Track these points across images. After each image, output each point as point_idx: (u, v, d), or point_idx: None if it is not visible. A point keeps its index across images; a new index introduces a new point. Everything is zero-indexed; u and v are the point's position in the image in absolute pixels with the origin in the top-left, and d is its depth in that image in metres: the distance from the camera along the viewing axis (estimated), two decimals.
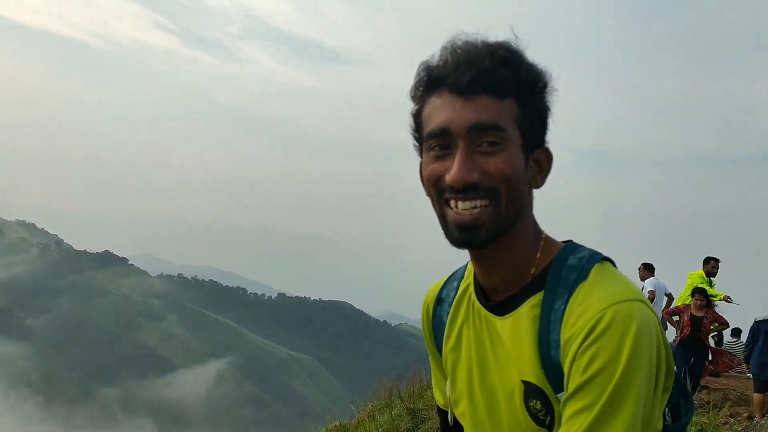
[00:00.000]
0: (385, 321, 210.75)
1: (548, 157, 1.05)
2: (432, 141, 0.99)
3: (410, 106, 1.06)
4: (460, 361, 1.12)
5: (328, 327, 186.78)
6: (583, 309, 0.94)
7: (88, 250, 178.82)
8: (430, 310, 1.22)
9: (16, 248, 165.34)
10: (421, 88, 1.03)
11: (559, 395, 0.96)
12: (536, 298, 1.01)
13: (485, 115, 0.96)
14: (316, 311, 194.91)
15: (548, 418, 0.98)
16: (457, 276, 1.19)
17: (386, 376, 7.43)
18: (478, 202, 0.96)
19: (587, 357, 0.91)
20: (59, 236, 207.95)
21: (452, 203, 0.97)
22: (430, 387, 5.75)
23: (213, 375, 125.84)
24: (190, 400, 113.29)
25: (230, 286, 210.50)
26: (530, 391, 1.00)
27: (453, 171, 0.95)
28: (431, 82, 1.00)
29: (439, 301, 1.20)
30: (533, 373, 0.99)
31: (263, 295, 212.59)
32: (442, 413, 1.28)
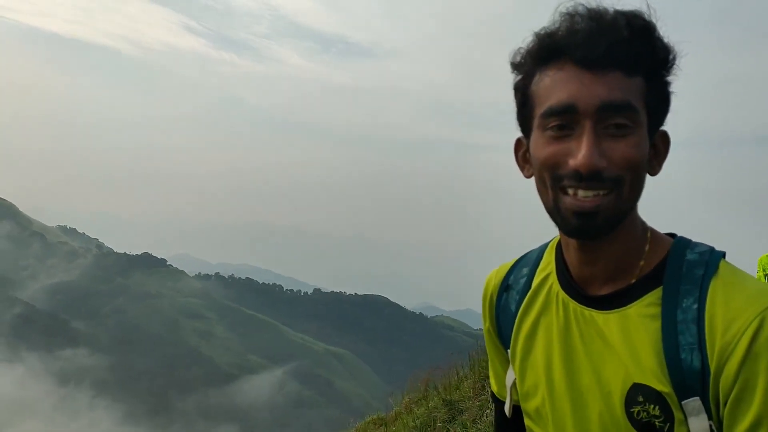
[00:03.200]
0: (421, 313, 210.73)
1: (666, 141, 0.95)
2: (551, 119, 0.87)
3: (509, 77, 0.93)
4: (534, 353, 1.03)
5: (365, 321, 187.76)
6: (733, 313, 0.84)
7: (128, 253, 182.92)
8: (494, 297, 1.14)
9: (59, 253, 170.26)
10: (532, 58, 0.91)
11: (684, 402, 0.86)
12: (653, 296, 0.91)
13: (618, 94, 0.84)
14: (352, 306, 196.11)
15: (667, 425, 0.87)
16: (528, 263, 1.11)
17: (422, 369, 7.40)
18: (600, 192, 0.86)
19: (762, 367, 0.81)
20: (99, 240, 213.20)
21: (570, 191, 0.87)
22: (466, 378, 5.70)
23: (278, 379, 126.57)
24: (256, 405, 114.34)
25: (266, 283, 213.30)
26: (644, 395, 0.88)
27: (581, 155, 0.84)
28: (550, 51, 0.88)
29: (506, 287, 1.12)
30: (652, 377, 0.88)
31: (299, 291, 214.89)
32: (499, 402, 1.21)
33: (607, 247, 0.92)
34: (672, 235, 0.97)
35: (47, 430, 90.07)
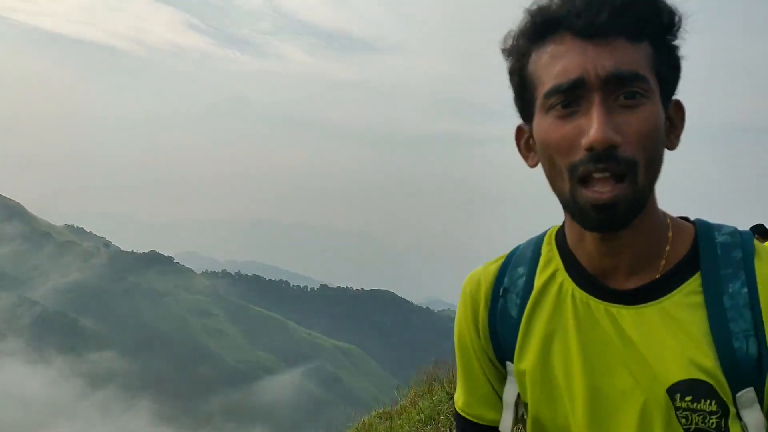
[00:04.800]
0: (427, 307, 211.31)
1: (681, 111, 0.85)
2: (554, 98, 0.78)
3: (501, 63, 0.86)
4: (551, 363, 0.89)
5: (372, 316, 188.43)
6: None
7: (135, 251, 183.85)
8: (488, 303, 0.97)
9: (68, 252, 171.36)
10: (526, 37, 0.82)
11: (739, 394, 0.79)
12: (692, 284, 0.83)
13: (625, 63, 0.76)
14: (359, 301, 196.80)
15: (723, 421, 0.79)
16: (523, 260, 0.97)
17: (428, 363, 7.47)
18: (615, 177, 0.76)
19: None
20: (107, 238, 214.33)
21: (591, 181, 0.77)
22: None
23: (294, 378, 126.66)
24: (278, 405, 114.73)
25: (273, 279, 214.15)
26: (695, 390, 0.80)
27: (593, 130, 0.75)
28: (545, 26, 0.79)
29: (503, 291, 0.96)
30: (701, 370, 0.79)
31: (306, 287, 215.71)
32: (470, 426, 1.02)
33: (631, 235, 0.83)
34: (686, 219, 0.90)
35: (79, 430, 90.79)
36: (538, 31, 0.80)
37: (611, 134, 0.75)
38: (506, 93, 0.88)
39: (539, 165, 0.85)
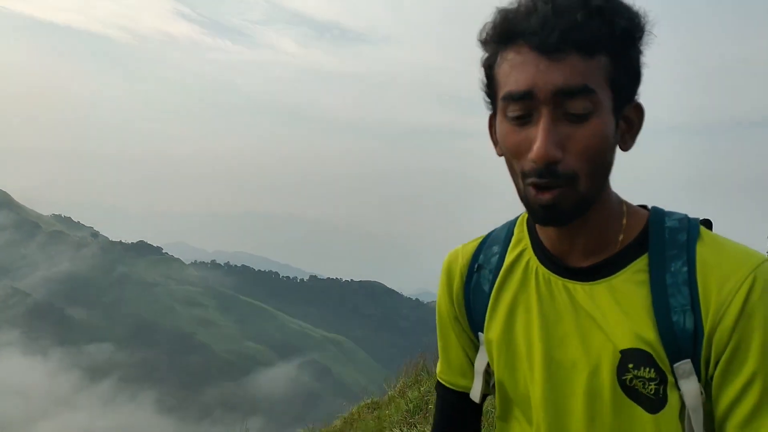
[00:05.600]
0: (417, 299, 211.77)
1: (640, 112, 0.91)
2: (511, 106, 0.85)
3: (477, 54, 0.88)
4: (514, 332, 0.99)
5: (362, 307, 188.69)
6: (725, 272, 0.85)
7: (123, 241, 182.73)
8: (463, 278, 1.08)
9: (55, 242, 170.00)
10: (493, 39, 0.87)
11: (676, 365, 0.86)
12: (639, 263, 0.91)
13: (574, 78, 0.81)
14: (349, 292, 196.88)
15: (661, 388, 0.87)
16: (497, 240, 1.07)
17: (416, 354, 7.49)
18: (555, 188, 0.84)
19: (756, 324, 0.83)
20: (95, 228, 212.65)
21: (532, 180, 0.86)
22: None
23: (287, 370, 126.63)
24: (271, 397, 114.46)
25: (262, 270, 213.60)
26: (636, 359, 0.88)
27: (536, 146, 0.82)
28: (509, 33, 0.85)
29: (478, 267, 1.06)
30: (644, 341, 0.87)
31: (295, 278, 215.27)
32: (447, 392, 1.14)
33: (581, 225, 0.92)
34: (645, 207, 0.98)
35: (80, 420, 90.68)
36: (502, 35, 0.85)
37: (552, 151, 0.81)
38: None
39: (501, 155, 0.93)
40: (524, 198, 0.89)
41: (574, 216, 0.88)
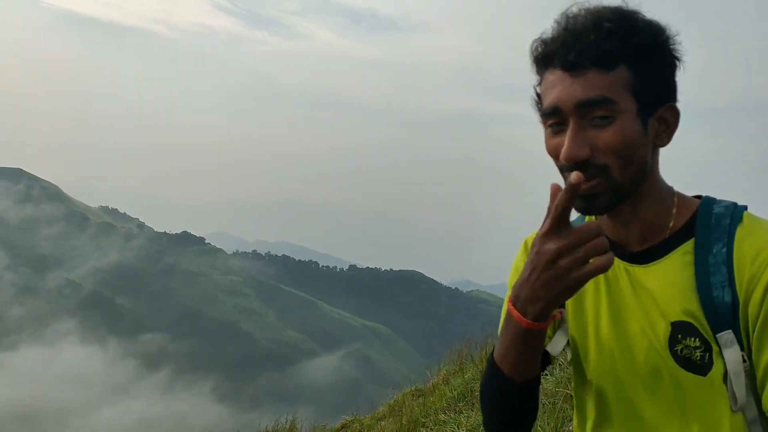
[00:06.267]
0: (456, 288, 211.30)
1: (675, 113, 1.05)
2: (546, 118, 1.03)
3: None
4: (584, 306, 1.17)
5: (401, 296, 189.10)
6: (757, 248, 0.99)
7: (167, 232, 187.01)
8: None
9: (106, 234, 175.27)
10: (536, 63, 1.06)
11: (718, 335, 1.00)
12: (686, 246, 1.05)
13: (593, 91, 0.97)
14: (388, 281, 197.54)
15: (706, 356, 1.01)
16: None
17: (459, 342, 7.51)
18: (591, 178, 1.00)
19: None
20: (140, 219, 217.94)
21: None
22: None
23: (331, 360, 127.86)
24: (316, 386, 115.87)
25: (302, 260, 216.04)
26: (684, 330, 1.03)
27: (564, 149, 0.99)
28: (544, 58, 1.03)
29: None
30: (689, 314, 1.03)
31: (335, 267, 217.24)
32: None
33: (626, 214, 1.08)
34: (699, 197, 1.12)
35: (137, 408, 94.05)
36: (540, 61, 1.04)
37: (577, 151, 0.99)
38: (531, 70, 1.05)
39: None
40: None
41: (611, 204, 1.03)
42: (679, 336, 1.03)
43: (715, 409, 1.02)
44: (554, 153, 1.04)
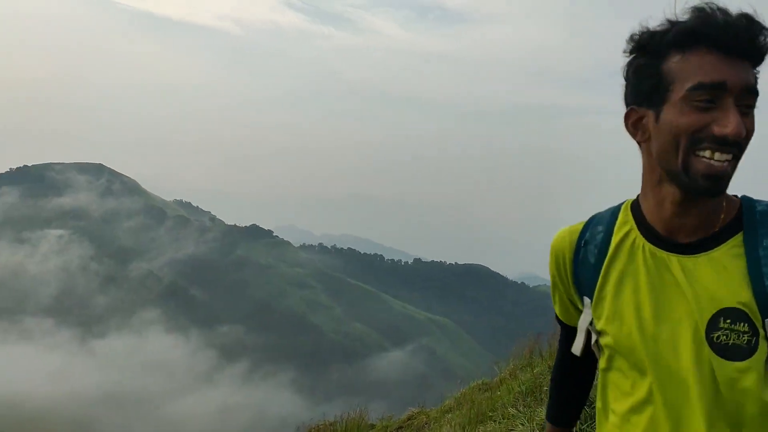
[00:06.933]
0: (522, 282, 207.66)
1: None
2: (699, 92, 1.05)
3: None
4: (623, 296, 1.21)
5: (466, 290, 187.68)
6: None
7: (237, 225, 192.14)
8: (572, 252, 1.32)
9: (181, 227, 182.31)
10: (669, 42, 1.09)
11: (767, 320, 1.10)
12: (736, 240, 1.14)
13: (752, 80, 1.07)
14: (453, 275, 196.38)
15: (753, 339, 1.10)
16: (602, 221, 1.30)
17: (525, 337, 7.42)
18: (730, 156, 1.06)
19: None
20: (212, 213, 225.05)
21: (707, 153, 1.06)
22: None
23: (403, 356, 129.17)
24: (386, 380, 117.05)
25: (368, 253, 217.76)
26: (732, 317, 1.11)
27: (734, 125, 1.04)
28: (690, 36, 1.07)
29: (584, 242, 1.30)
30: (739, 301, 1.11)
31: (400, 261, 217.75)
32: (564, 325, 1.44)
33: (704, 203, 1.14)
34: (735, 196, 1.21)
35: (218, 396, 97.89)
36: (686, 40, 1.07)
37: (743, 130, 1.05)
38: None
39: (643, 142, 1.17)
40: (683, 169, 1.09)
41: (724, 189, 1.10)
42: (728, 321, 1.11)
43: (748, 394, 1.09)
44: (693, 127, 1.06)
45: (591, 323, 1.29)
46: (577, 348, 1.33)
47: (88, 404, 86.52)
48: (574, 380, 1.50)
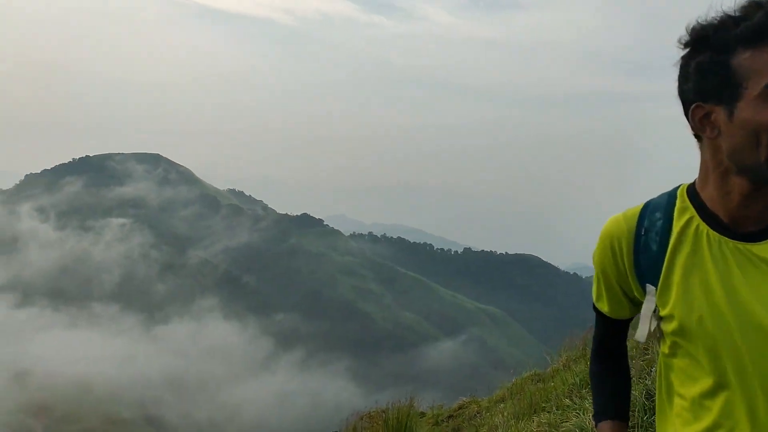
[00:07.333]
0: (575, 273, 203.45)
1: None
2: None
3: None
4: (691, 285, 1.22)
5: (516, 280, 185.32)
6: None
7: (289, 214, 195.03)
8: (631, 240, 1.31)
9: (234, 215, 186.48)
10: (737, 37, 1.08)
11: None
12: None
13: None
14: (503, 265, 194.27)
15: None
16: (658, 208, 1.30)
17: (578, 328, 7.34)
18: None
19: None
20: (264, 201, 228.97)
21: None
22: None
23: (455, 346, 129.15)
24: (438, 370, 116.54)
25: (417, 242, 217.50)
26: None
27: None
28: (760, 33, 1.07)
29: (644, 230, 1.29)
30: None
31: (449, 250, 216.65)
32: (606, 319, 1.44)
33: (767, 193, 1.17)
34: None
35: (275, 384, 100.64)
36: (749, 36, 1.07)
37: None
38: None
39: (712, 138, 1.17)
40: (766, 162, 1.11)
41: None
42: None
43: None
44: None
45: (655, 311, 1.29)
46: (642, 335, 1.33)
47: (153, 388, 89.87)
48: (619, 370, 1.51)
